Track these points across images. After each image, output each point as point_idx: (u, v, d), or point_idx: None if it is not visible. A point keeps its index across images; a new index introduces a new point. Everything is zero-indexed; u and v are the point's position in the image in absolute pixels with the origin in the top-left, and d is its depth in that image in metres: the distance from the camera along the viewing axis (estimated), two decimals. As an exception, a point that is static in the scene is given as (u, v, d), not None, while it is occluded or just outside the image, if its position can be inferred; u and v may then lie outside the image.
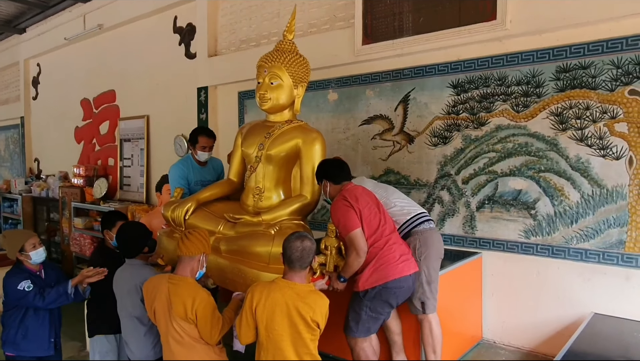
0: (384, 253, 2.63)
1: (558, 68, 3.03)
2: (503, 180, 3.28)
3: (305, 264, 2.30)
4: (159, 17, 5.81)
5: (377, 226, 2.67)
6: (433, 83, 3.57)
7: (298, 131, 3.00)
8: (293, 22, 3.14)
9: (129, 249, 2.84)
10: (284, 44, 3.08)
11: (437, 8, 3.39)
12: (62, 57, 7.63)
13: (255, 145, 3.01)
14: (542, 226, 3.14)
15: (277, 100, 2.96)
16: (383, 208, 2.79)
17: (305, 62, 3.06)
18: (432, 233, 2.87)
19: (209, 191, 3.18)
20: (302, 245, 2.28)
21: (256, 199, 3.01)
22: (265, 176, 3.00)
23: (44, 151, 8.34)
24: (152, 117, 6.05)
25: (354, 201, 2.66)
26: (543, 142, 3.11)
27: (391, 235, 2.70)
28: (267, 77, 2.95)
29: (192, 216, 2.99)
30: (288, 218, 2.88)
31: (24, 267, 3.00)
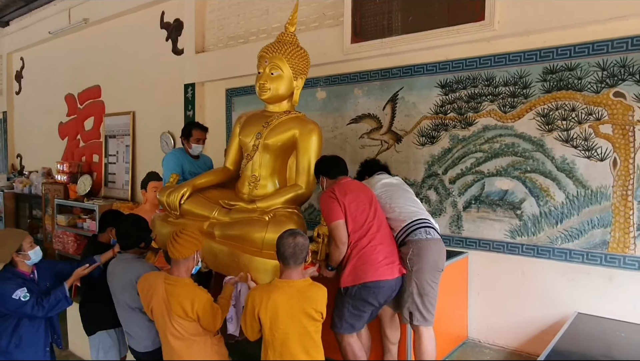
0: (366, 252, 2.60)
1: (545, 69, 3.06)
2: (490, 180, 3.30)
3: (300, 260, 2.32)
4: (145, 13, 5.74)
5: (362, 222, 2.65)
6: (421, 83, 3.57)
7: (296, 122, 3.03)
8: (295, 15, 3.17)
9: (128, 240, 2.88)
10: (285, 35, 3.11)
11: (426, 8, 3.39)
12: (47, 51, 7.50)
13: (253, 134, 3.04)
14: (527, 226, 3.16)
15: (277, 90, 2.99)
16: (377, 206, 2.75)
17: (305, 55, 3.09)
18: (428, 242, 2.66)
19: (205, 177, 3.22)
20: (295, 241, 2.31)
21: (252, 187, 3.04)
22: (261, 164, 3.03)
23: (27, 146, 8.19)
24: (138, 113, 5.98)
25: (342, 194, 2.66)
26: (529, 142, 3.13)
27: (377, 234, 2.66)
28: (268, 67, 2.97)
29: (187, 201, 3.02)
30: (282, 206, 2.91)
31: (16, 271, 2.80)
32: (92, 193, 6.39)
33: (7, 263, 2.82)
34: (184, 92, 5.20)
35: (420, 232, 2.68)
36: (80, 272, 2.98)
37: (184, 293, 2.41)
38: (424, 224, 2.72)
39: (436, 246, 2.69)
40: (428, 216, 2.80)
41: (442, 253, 2.72)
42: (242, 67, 4.59)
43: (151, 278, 2.54)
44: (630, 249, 2.78)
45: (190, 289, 2.45)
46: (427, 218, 2.78)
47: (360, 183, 2.90)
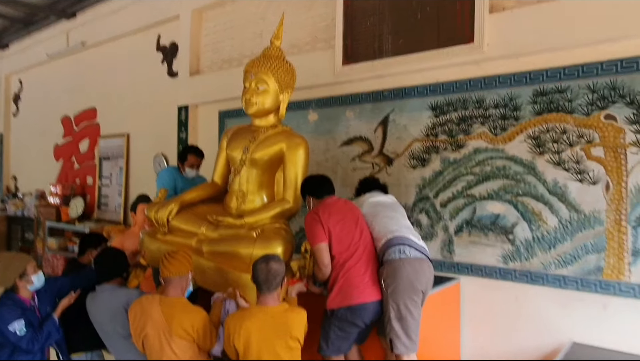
0: (352, 274, 2.56)
1: (535, 92, 3.03)
2: (481, 203, 3.24)
3: (273, 286, 2.32)
4: (142, 36, 5.79)
5: (348, 243, 2.61)
6: (412, 105, 3.55)
7: (283, 136, 3.04)
8: (281, 29, 3.18)
9: (109, 273, 2.83)
10: (271, 50, 3.12)
11: (416, 30, 3.39)
12: (44, 73, 7.55)
13: (240, 148, 3.05)
14: (520, 251, 3.08)
15: (263, 105, 3.01)
16: (363, 227, 2.71)
17: (291, 69, 3.12)
18: (402, 262, 2.52)
19: (193, 192, 3.23)
20: (267, 267, 2.31)
21: (239, 202, 3.04)
22: (249, 179, 3.03)
23: (23, 168, 8.17)
24: (133, 135, 5.97)
25: (326, 215, 2.62)
26: (521, 165, 3.08)
27: (363, 255, 2.62)
28: (254, 82, 2.99)
29: (176, 217, 3.02)
30: (270, 221, 2.92)
31: (16, 298, 2.73)
32: (84, 216, 6.32)
33: (8, 287, 2.76)
34: (177, 114, 5.19)
35: (394, 251, 2.57)
36: (65, 303, 2.93)
37: (184, 313, 2.41)
38: (399, 242, 2.60)
39: (411, 265, 2.52)
40: (407, 234, 2.66)
41: (420, 272, 2.53)
42: (234, 89, 4.52)
43: (144, 303, 2.49)
44: (625, 276, 2.69)
45: (189, 308, 2.46)
46: (404, 236, 2.63)
47: (348, 202, 2.87)
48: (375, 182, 3.24)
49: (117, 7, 5.93)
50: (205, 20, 5.11)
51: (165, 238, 3.06)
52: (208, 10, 5.04)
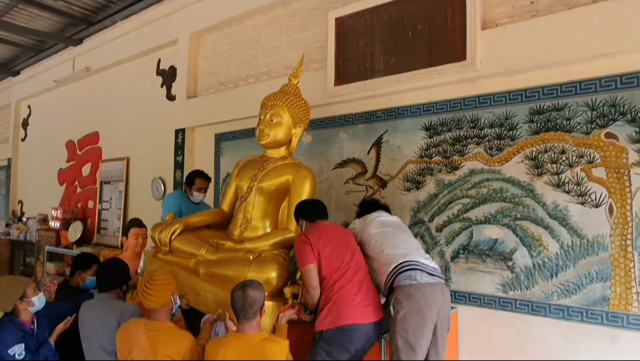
0: (342, 295, 2.47)
1: (531, 110, 2.88)
2: (478, 228, 3.06)
3: (250, 315, 2.27)
4: (143, 60, 5.82)
5: (338, 265, 2.53)
6: (406, 125, 3.42)
7: (291, 168, 3.10)
8: (299, 69, 3.29)
9: (110, 283, 2.84)
10: (288, 87, 3.23)
11: (408, 49, 3.29)
12: (51, 99, 7.65)
13: (249, 177, 3.12)
14: (520, 279, 2.88)
15: (275, 137, 3.09)
16: (354, 249, 2.63)
17: (305, 105, 3.21)
18: (414, 288, 2.42)
19: (199, 216, 3.32)
20: (244, 295, 2.26)
21: (242, 228, 3.08)
22: (254, 206, 3.08)
23: (29, 192, 8.20)
24: (132, 159, 5.94)
25: (315, 238, 2.57)
26: (518, 187, 2.91)
27: (354, 277, 2.53)
28: (269, 114, 3.09)
29: (178, 238, 3.07)
30: (270, 248, 2.94)
31: (17, 321, 2.72)
32: (84, 240, 6.26)
33: (9, 311, 2.74)
34: (174, 137, 5.15)
35: (405, 277, 2.48)
36: (61, 328, 2.90)
37: (168, 339, 2.35)
38: (409, 267, 2.50)
39: (421, 292, 2.42)
40: (417, 257, 2.57)
41: (431, 299, 2.42)
42: (230, 111, 4.55)
43: (131, 327, 2.43)
44: (633, 307, 2.47)
45: (174, 334, 2.41)
46: (415, 260, 2.53)
47: (338, 226, 2.83)
48: (377, 202, 3.13)
49: (120, 33, 6.00)
50: (204, 43, 5.11)
51: (165, 258, 3.13)
52: (206, 34, 5.04)
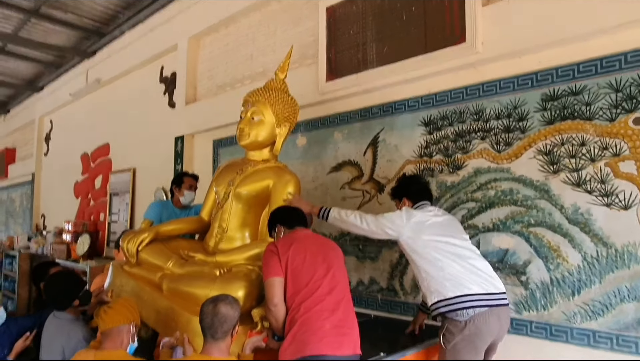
0: (309, 318, 2.03)
1: (544, 96, 2.44)
2: (485, 237, 2.62)
3: (219, 335, 1.96)
4: (148, 69, 5.70)
5: (307, 280, 2.10)
6: (403, 121, 3.04)
7: (272, 172, 2.78)
8: (287, 62, 2.97)
9: (58, 300, 2.60)
10: (274, 82, 2.94)
11: (402, 35, 2.92)
12: (69, 112, 7.71)
13: (227, 181, 2.81)
14: (535, 298, 2.41)
15: (257, 137, 2.78)
16: (333, 263, 2.19)
17: (292, 102, 2.87)
18: (470, 320, 2.10)
19: (173, 225, 2.98)
20: (214, 310, 1.96)
21: (218, 238, 2.76)
22: (231, 214, 2.75)
23: (50, 206, 8.28)
24: (138, 170, 5.80)
25: (285, 246, 2.18)
26: (531, 188, 2.46)
27: (329, 297, 2.08)
28: (250, 112, 2.79)
29: (145, 249, 2.76)
30: (245, 263, 2.59)
31: None
32: (94, 253, 6.14)
33: None
34: (174, 145, 4.95)
35: (460, 313, 2.11)
36: (20, 345, 2.70)
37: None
38: (468, 304, 2.11)
39: (474, 324, 2.09)
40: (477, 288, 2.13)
41: (485, 331, 2.11)
42: (227, 116, 4.27)
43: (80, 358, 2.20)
44: (676, 334, 1.97)
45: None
46: (475, 294, 2.12)
47: (318, 236, 2.41)
48: (426, 186, 2.61)
49: (127, 43, 5.92)
50: (202, 47, 4.91)
51: (131, 271, 2.82)
52: (204, 37, 4.84)
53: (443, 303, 2.15)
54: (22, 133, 9.65)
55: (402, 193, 2.51)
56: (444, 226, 2.30)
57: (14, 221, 9.79)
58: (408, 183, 2.54)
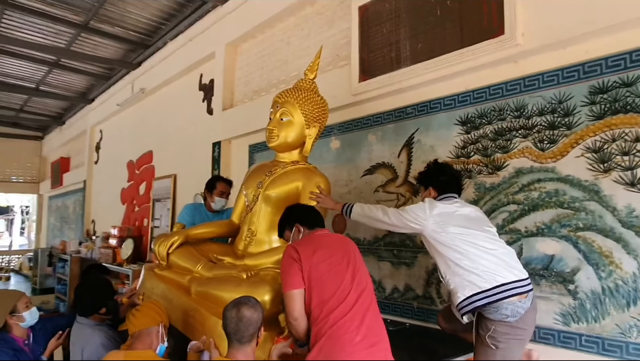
0: (339, 329, 1.90)
1: (592, 89, 2.25)
2: (528, 241, 2.43)
3: (245, 339, 1.93)
4: (188, 77, 5.83)
5: (334, 289, 1.97)
6: (439, 121, 2.90)
7: (301, 174, 2.71)
8: (317, 62, 2.92)
9: (84, 306, 2.67)
10: (303, 82, 2.88)
11: (436, 30, 2.80)
12: (117, 122, 8.02)
13: (255, 184, 2.77)
14: (585, 308, 2.21)
15: (286, 138, 2.72)
16: (357, 267, 2.07)
17: (321, 102, 2.82)
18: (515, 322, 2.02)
19: (203, 228, 2.96)
20: (238, 315, 1.92)
21: (247, 242, 2.72)
22: (260, 217, 2.70)
23: (99, 212, 8.62)
24: (179, 176, 5.91)
25: (308, 252, 2.04)
26: (579, 188, 2.27)
27: (357, 305, 1.96)
28: (279, 112, 2.74)
29: (176, 252, 2.76)
30: (273, 266, 2.53)
31: (8, 337, 2.63)
32: (138, 257, 6.31)
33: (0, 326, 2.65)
34: (212, 151, 5.01)
35: (499, 308, 2.00)
36: (53, 344, 2.77)
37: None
38: (503, 295, 2.00)
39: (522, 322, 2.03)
40: (509, 274, 2.04)
41: (530, 325, 2.08)
42: (262, 120, 4.21)
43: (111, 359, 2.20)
44: None
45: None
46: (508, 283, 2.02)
47: (337, 236, 2.26)
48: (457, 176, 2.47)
49: (169, 53, 6.08)
50: (239, 53, 4.95)
51: (162, 274, 2.83)
52: (241, 43, 4.89)
53: (479, 295, 2.03)
54: (75, 143, 10.14)
55: (428, 181, 2.39)
56: (470, 219, 2.19)
57: (68, 226, 10.28)
58: (437, 171, 2.40)
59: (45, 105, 10.28)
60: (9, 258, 12.24)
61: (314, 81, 2.89)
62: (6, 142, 11.96)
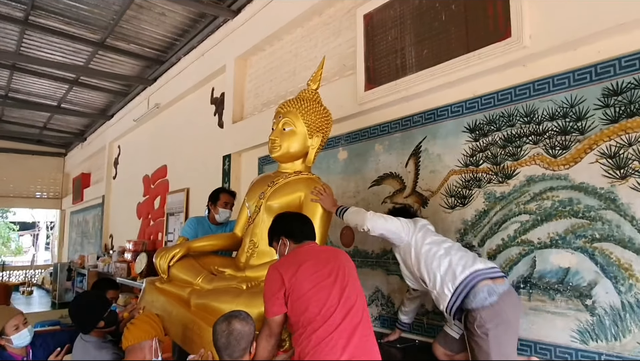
0: (322, 348, 1.83)
1: (605, 91, 2.13)
2: (542, 253, 2.30)
3: (237, 354, 1.86)
4: (201, 91, 5.86)
5: (320, 307, 1.89)
6: (446, 129, 2.80)
7: (303, 184, 2.67)
8: (319, 72, 2.88)
9: (81, 323, 2.62)
10: (306, 92, 2.87)
11: (441, 35, 2.71)
12: (134, 138, 8.12)
13: (257, 194, 2.75)
14: (604, 325, 2.06)
15: (288, 148, 2.70)
16: (347, 279, 1.99)
17: (324, 112, 2.78)
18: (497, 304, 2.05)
19: (205, 240, 2.94)
20: (229, 328, 1.86)
21: (249, 254, 2.68)
22: (262, 229, 2.62)
23: (117, 226, 8.70)
24: (191, 189, 5.92)
25: (290, 271, 1.97)
26: (594, 196, 2.13)
27: (344, 322, 1.87)
28: (281, 123, 2.73)
29: (177, 264, 2.74)
30: None
31: (6, 355, 2.61)
32: (151, 271, 6.30)
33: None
34: (222, 164, 4.99)
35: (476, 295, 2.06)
36: (52, 360, 2.70)
37: None
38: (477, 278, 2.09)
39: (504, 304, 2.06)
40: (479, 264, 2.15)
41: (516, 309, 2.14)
42: (270, 132, 4.25)
43: None
44: None
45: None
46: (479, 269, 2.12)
47: (326, 249, 2.19)
48: (409, 210, 2.67)
49: (182, 68, 6.14)
50: (249, 66, 4.95)
51: (162, 287, 2.82)
52: (250, 57, 4.89)
53: (459, 289, 2.09)
54: (95, 159, 10.33)
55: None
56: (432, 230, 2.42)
57: (87, 241, 10.43)
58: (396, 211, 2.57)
59: (67, 122, 10.53)
60: (32, 273, 12.48)
61: (317, 91, 2.86)
62: (31, 159, 12.28)
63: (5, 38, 6.31)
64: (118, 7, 5.28)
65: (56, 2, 5.32)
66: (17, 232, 20.74)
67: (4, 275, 12.06)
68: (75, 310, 2.64)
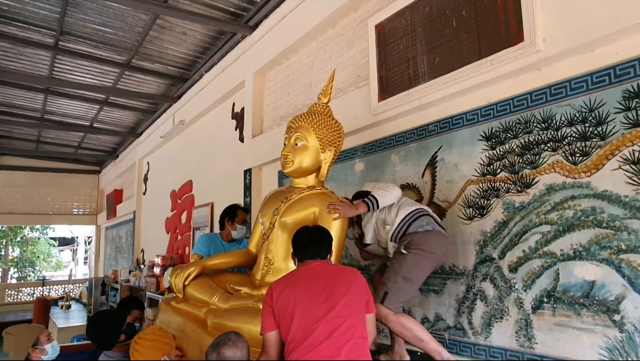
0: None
1: (626, 93, 2.01)
2: (565, 266, 2.18)
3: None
4: (222, 107, 5.95)
5: (303, 325, 1.89)
6: (462, 137, 2.72)
7: (317, 199, 2.64)
8: (330, 86, 2.86)
9: (102, 341, 2.70)
10: (317, 106, 2.84)
11: (453, 42, 2.65)
12: (161, 154, 8.30)
13: (271, 211, 2.74)
14: (635, 342, 1.93)
15: (301, 163, 2.69)
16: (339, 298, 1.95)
17: (336, 126, 2.77)
18: (432, 233, 2.43)
19: (220, 258, 2.94)
20: (220, 355, 1.81)
21: (264, 271, 2.66)
22: (277, 245, 2.64)
23: (148, 241, 8.88)
24: (216, 204, 5.98)
25: (278, 291, 2.01)
26: (618, 205, 2.01)
27: (326, 342, 1.84)
28: (293, 138, 2.72)
29: (192, 283, 2.74)
30: None
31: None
32: (179, 286, 6.39)
33: (22, 359, 2.70)
34: (243, 178, 5.02)
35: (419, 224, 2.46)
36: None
37: None
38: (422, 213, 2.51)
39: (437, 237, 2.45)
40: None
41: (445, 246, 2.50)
42: None
43: None
44: None
45: None
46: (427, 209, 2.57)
47: (330, 268, 2.15)
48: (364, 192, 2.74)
49: (204, 84, 6.25)
50: (267, 80, 4.99)
51: (177, 306, 2.80)
52: (268, 71, 4.92)
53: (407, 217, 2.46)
54: (127, 176, 10.62)
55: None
56: None
57: (121, 256, 10.70)
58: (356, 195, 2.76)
59: (99, 141, 10.89)
60: (70, 287, 12.90)
61: (328, 105, 2.83)
62: (68, 178, 12.76)
63: (38, 63, 6.59)
64: (141, 28, 5.44)
65: (83, 26, 5.53)
66: (57, 247, 21.53)
67: (44, 290, 12.51)
68: (93, 330, 2.70)
